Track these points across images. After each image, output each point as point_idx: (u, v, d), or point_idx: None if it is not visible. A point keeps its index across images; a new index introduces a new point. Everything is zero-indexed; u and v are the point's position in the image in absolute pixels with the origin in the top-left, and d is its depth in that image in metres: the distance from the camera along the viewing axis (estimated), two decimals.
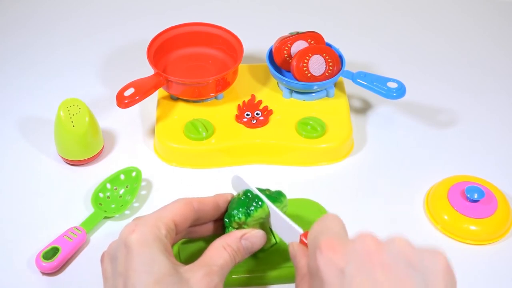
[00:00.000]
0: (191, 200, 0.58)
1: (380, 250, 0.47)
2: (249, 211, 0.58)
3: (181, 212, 0.57)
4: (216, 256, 0.56)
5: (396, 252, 0.47)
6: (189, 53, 0.82)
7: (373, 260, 0.46)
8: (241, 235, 0.57)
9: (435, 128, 0.80)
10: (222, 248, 0.56)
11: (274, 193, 0.60)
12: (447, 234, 0.67)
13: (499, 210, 0.67)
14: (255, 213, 0.58)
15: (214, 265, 0.55)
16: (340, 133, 0.75)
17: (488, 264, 0.65)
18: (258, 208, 0.58)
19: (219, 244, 0.57)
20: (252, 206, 0.58)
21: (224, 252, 0.56)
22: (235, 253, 0.57)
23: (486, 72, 0.89)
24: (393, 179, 0.74)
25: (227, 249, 0.56)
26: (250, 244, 0.57)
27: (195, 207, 0.58)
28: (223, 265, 0.55)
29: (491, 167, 0.75)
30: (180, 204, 0.57)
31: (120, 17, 0.98)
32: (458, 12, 1.01)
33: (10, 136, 0.78)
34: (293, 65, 0.77)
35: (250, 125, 0.75)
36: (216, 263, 0.55)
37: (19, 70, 0.87)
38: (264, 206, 0.58)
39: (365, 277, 0.45)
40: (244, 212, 0.58)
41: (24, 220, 0.68)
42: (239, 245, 0.57)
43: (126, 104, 0.72)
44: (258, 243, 0.58)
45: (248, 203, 0.58)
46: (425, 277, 0.45)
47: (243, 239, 0.57)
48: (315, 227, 0.52)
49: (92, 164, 0.74)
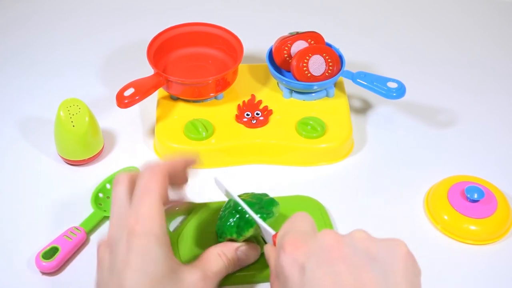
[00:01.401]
0: (162, 168, 0.55)
1: (340, 244, 0.48)
2: (241, 232, 0.59)
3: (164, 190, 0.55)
4: (212, 262, 0.57)
5: (355, 245, 0.48)
6: (189, 53, 0.82)
7: (333, 254, 0.47)
8: (237, 247, 0.59)
9: (435, 128, 0.80)
10: (218, 256, 0.58)
11: (265, 202, 0.61)
12: (447, 234, 0.67)
13: (499, 210, 0.67)
14: (247, 233, 0.59)
15: (209, 270, 0.56)
16: (340, 133, 0.75)
17: (488, 264, 0.65)
18: (249, 228, 0.59)
19: (216, 251, 0.58)
20: (244, 228, 0.59)
21: (220, 260, 0.58)
22: (229, 262, 0.58)
23: (486, 72, 0.89)
24: (393, 179, 0.74)
25: (222, 257, 0.58)
26: (245, 256, 0.59)
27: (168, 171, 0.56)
28: (217, 272, 0.57)
29: (491, 167, 0.75)
30: (159, 177, 0.54)
31: (120, 17, 0.98)
32: (458, 12, 1.01)
33: (10, 136, 0.78)
34: (293, 65, 0.77)
35: (250, 125, 0.75)
36: (212, 269, 0.57)
37: (19, 70, 0.87)
38: (256, 225, 0.59)
39: (325, 271, 0.46)
40: (236, 232, 0.59)
41: (24, 220, 0.68)
42: (234, 256, 0.59)
43: (126, 104, 0.72)
44: (252, 257, 0.60)
45: (239, 223, 0.59)
46: (385, 267, 0.46)
47: (239, 251, 0.59)
48: (283, 227, 0.53)
49: (92, 164, 0.74)
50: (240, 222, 0.59)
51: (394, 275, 0.46)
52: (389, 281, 0.45)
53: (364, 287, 0.45)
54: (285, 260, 0.49)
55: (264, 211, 0.59)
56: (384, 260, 0.46)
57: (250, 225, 0.59)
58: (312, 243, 0.49)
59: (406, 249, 0.47)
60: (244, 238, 0.59)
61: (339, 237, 0.48)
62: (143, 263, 0.51)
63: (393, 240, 0.48)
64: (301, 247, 0.49)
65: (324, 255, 0.47)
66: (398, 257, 0.47)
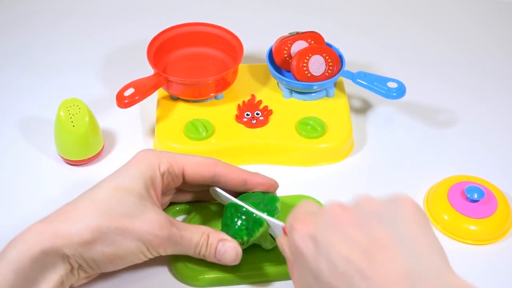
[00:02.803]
0: (216, 163, 0.61)
1: (347, 209, 0.49)
2: (252, 233, 0.59)
3: (197, 168, 0.60)
4: (189, 230, 0.57)
5: (362, 207, 0.49)
6: (189, 53, 0.82)
7: (342, 219, 0.48)
8: (222, 238, 0.58)
9: (435, 128, 0.80)
10: (200, 233, 0.58)
11: (267, 200, 0.61)
12: (447, 234, 0.67)
13: (499, 210, 0.67)
14: (257, 233, 0.59)
15: (179, 229, 0.56)
16: (340, 133, 0.75)
17: (488, 264, 0.65)
18: (259, 228, 0.59)
19: (203, 227, 0.59)
20: (254, 228, 0.59)
21: (197, 236, 0.57)
22: (205, 247, 0.58)
23: (486, 72, 0.89)
24: (393, 179, 0.74)
25: (202, 236, 0.58)
26: (223, 251, 0.58)
27: (216, 171, 0.60)
28: (185, 239, 0.57)
29: (491, 167, 0.75)
30: (203, 159, 0.61)
31: (120, 17, 0.98)
32: (458, 12, 1.01)
33: (10, 136, 0.77)
34: (293, 65, 0.77)
35: (250, 125, 0.75)
36: (182, 233, 0.57)
37: (19, 70, 0.87)
38: (265, 224, 0.59)
39: (337, 235, 0.47)
40: (246, 233, 0.59)
41: (24, 220, 0.68)
42: (213, 244, 0.58)
43: (126, 104, 0.72)
44: (230, 256, 0.58)
45: (248, 224, 0.59)
46: (395, 220, 0.47)
47: (221, 243, 0.58)
48: (290, 215, 0.54)
49: (92, 164, 0.74)
50: (249, 223, 0.59)
51: (405, 225, 0.47)
52: (401, 231, 0.46)
53: (379, 242, 0.45)
54: (297, 237, 0.50)
55: (269, 208, 0.59)
56: (393, 214, 0.47)
57: (259, 224, 0.59)
58: (320, 216, 0.50)
59: (411, 201, 0.49)
60: (254, 238, 0.59)
61: (345, 206, 0.50)
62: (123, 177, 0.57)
63: (399, 196, 0.49)
64: (310, 222, 0.50)
65: (334, 222, 0.48)
66: (405, 208, 0.48)
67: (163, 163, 0.59)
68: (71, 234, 0.53)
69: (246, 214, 0.59)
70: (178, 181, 0.61)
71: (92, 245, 0.53)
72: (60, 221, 0.54)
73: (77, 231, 0.53)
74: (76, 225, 0.54)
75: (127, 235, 0.54)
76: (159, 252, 0.57)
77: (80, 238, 0.53)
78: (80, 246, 0.53)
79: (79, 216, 0.54)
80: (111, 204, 0.55)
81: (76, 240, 0.53)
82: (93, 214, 0.54)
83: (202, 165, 0.61)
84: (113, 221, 0.54)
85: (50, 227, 0.53)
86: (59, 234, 0.53)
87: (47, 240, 0.52)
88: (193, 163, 0.60)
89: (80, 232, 0.53)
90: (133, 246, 0.55)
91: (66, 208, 0.56)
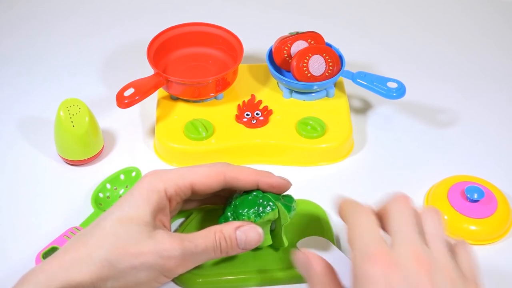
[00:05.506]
0: (225, 171, 0.58)
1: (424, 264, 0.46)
2: (261, 213, 0.57)
3: (205, 181, 0.57)
4: (201, 237, 0.55)
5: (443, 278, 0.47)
6: (189, 53, 0.82)
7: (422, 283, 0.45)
8: (238, 225, 0.56)
9: (435, 128, 0.80)
10: (213, 233, 0.55)
11: (285, 198, 0.60)
12: (447, 234, 0.67)
13: (499, 210, 0.67)
14: (266, 216, 0.57)
15: (191, 241, 0.54)
16: (340, 133, 0.75)
17: (488, 264, 0.65)
18: (271, 211, 0.57)
19: (213, 228, 0.56)
20: (266, 208, 0.57)
21: (211, 237, 0.55)
22: (224, 242, 0.55)
23: (486, 72, 0.89)
24: (393, 179, 0.74)
25: (217, 235, 0.55)
26: (245, 236, 0.56)
27: (226, 179, 0.58)
28: (200, 247, 0.55)
29: (491, 167, 0.75)
30: (210, 171, 0.58)
31: (120, 17, 0.98)
32: (458, 12, 1.01)
33: (10, 136, 0.78)
34: (293, 65, 0.77)
35: (250, 125, 0.75)
36: (195, 242, 0.54)
37: (19, 70, 0.87)
38: (276, 210, 0.58)
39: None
40: (255, 212, 0.57)
41: (24, 220, 0.68)
42: (231, 235, 0.55)
43: (126, 104, 0.72)
44: (254, 238, 0.56)
45: (260, 204, 0.57)
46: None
47: (239, 230, 0.56)
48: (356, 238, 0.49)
49: (92, 164, 0.74)
50: (262, 203, 0.57)
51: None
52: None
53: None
54: (374, 272, 0.46)
55: (286, 202, 0.59)
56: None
57: (272, 208, 0.57)
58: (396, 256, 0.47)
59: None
60: (260, 221, 0.57)
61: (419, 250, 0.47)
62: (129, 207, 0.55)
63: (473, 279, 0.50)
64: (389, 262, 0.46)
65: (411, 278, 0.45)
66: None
67: (170, 187, 0.57)
68: (84, 275, 0.52)
69: (259, 197, 0.58)
70: (187, 196, 0.59)
71: (103, 282, 0.52)
72: (70, 261, 0.53)
73: (88, 271, 0.52)
74: (84, 265, 0.52)
75: (137, 265, 0.53)
76: (177, 272, 0.55)
77: (91, 277, 0.52)
78: (93, 285, 0.52)
79: (88, 252, 0.53)
80: (117, 236, 0.53)
81: (88, 282, 0.52)
82: (101, 249, 0.53)
83: (210, 177, 0.58)
84: (121, 253, 0.53)
85: (63, 265, 0.52)
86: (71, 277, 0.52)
87: (59, 281, 0.51)
88: (201, 177, 0.58)
89: (90, 273, 0.52)
90: (143, 276, 0.53)
91: (76, 243, 0.54)
